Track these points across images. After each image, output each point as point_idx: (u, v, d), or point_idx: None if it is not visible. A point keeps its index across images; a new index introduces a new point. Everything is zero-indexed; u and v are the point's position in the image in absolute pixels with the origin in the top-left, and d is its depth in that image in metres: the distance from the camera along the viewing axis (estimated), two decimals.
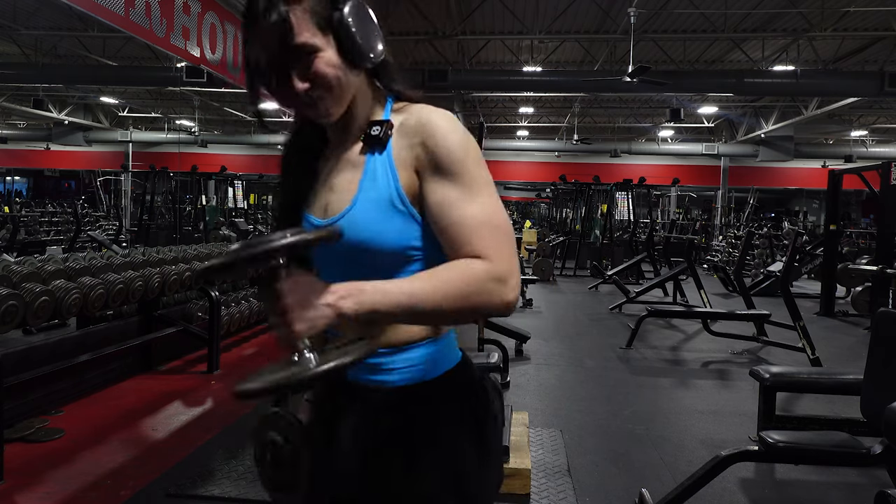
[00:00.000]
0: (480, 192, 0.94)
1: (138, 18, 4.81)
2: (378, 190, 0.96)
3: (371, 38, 0.96)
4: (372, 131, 0.98)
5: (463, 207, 0.92)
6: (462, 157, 0.94)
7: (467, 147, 0.95)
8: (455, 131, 0.95)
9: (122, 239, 13.20)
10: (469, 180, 0.93)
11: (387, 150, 0.97)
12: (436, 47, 11.45)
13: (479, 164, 0.96)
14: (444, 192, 0.93)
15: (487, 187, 0.95)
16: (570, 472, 3.13)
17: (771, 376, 3.26)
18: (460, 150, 0.94)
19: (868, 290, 7.99)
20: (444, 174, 0.93)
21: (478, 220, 0.91)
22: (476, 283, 0.87)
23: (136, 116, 19.33)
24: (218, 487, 2.82)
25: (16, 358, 3.53)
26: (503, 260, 0.90)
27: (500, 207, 0.95)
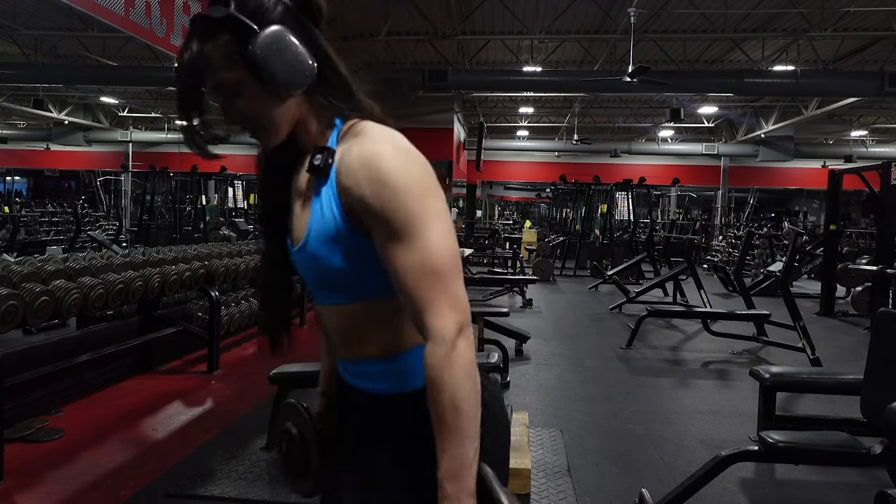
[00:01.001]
0: (417, 233, 0.91)
1: (138, 18, 4.81)
2: (325, 223, 0.97)
3: (293, 65, 0.94)
4: (315, 160, 0.98)
5: (401, 257, 0.92)
6: (392, 201, 0.91)
7: (402, 182, 0.92)
8: (392, 169, 0.92)
9: (122, 239, 13.21)
10: (405, 223, 0.91)
11: (330, 180, 0.97)
12: (436, 47, 11.45)
13: (417, 198, 0.92)
14: (382, 240, 0.93)
15: (426, 223, 0.92)
16: (570, 472, 3.13)
17: (771, 376, 3.26)
18: (393, 192, 0.91)
19: (868, 290, 7.99)
20: (378, 222, 0.93)
21: (414, 269, 0.91)
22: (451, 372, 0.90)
23: (136, 116, 19.32)
24: (218, 487, 2.82)
25: (16, 358, 3.53)
26: (445, 310, 0.91)
27: (439, 242, 0.92)
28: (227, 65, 0.94)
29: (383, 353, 1.04)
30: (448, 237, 0.94)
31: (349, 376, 1.11)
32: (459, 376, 0.90)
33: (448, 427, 0.90)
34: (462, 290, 0.94)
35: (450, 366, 0.90)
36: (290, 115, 1.00)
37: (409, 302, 0.92)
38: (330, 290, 1.03)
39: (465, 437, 0.90)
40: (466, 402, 0.90)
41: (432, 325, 0.91)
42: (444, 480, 0.90)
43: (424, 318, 0.91)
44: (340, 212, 0.96)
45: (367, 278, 0.99)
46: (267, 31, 0.93)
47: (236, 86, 0.96)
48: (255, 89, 0.96)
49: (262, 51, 0.92)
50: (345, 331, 1.06)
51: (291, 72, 0.95)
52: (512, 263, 12.39)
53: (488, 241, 15.19)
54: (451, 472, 0.90)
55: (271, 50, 0.93)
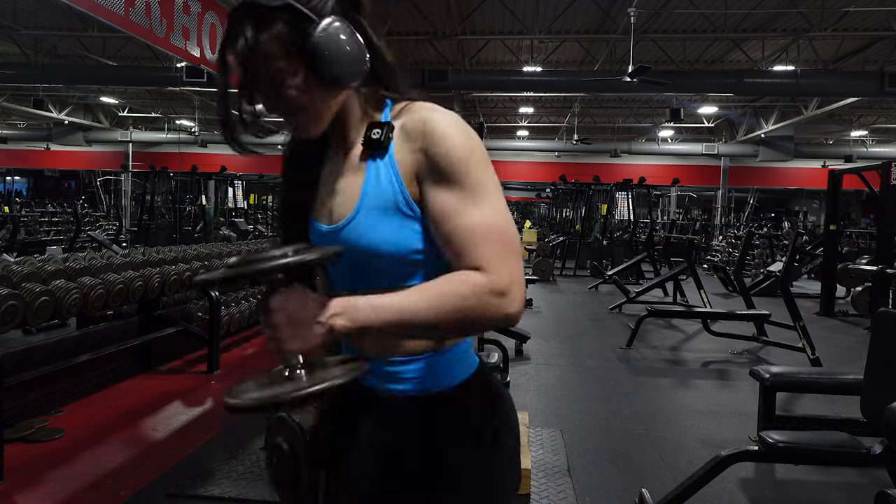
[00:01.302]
0: (483, 197, 0.90)
1: (138, 18, 4.81)
2: (382, 195, 0.94)
3: (348, 57, 0.92)
4: (373, 134, 0.96)
5: (464, 216, 0.89)
6: (463, 162, 0.91)
7: (470, 149, 0.92)
8: (457, 133, 0.92)
9: (122, 239, 13.21)
10: (471, 186, 0.90)
11: (389, 154, 0.95)
12: (436, 47, 11.45)
13: (484, 167, 0.93)
14: (445, 200, 0.91)
15: (491, 192, 0.92)
16: (570, 472, 3.13)
17: (771, 376, 3.26)
18: (462, 154, 0.91)
19: (868, 290, 7.99)
20: (444, 180, 0.91)
21: (479, 228, 0.89)
22: (473, 297, 0.85)
23: (136, 116, 19.33)
24: (218, 487, 2.82)
25: (16, 358, 3.53)
26: (503, 271, 0.87)
27: (503, 213, 0.92)
28: (281, 55, 0.91)
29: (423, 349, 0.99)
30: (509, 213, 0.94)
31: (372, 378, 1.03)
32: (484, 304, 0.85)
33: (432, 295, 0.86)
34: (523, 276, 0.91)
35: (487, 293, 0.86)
36: (337, 106, 0.99)
37: (468, 259, 0.88)
38: (365, 273, 0.96)
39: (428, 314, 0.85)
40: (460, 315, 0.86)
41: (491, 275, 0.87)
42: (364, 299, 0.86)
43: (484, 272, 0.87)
44: (401, 185, 0.93)
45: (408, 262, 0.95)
46: (326, 22, 0.90)
47: (288, 76, 0.92)
48: (308, 80, 0.93)
49: (320, 43, 0.90)
50: None
51: (350, 65, 0.93)
52: None
53: None
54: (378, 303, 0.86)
55: (330, 42, 0.90)
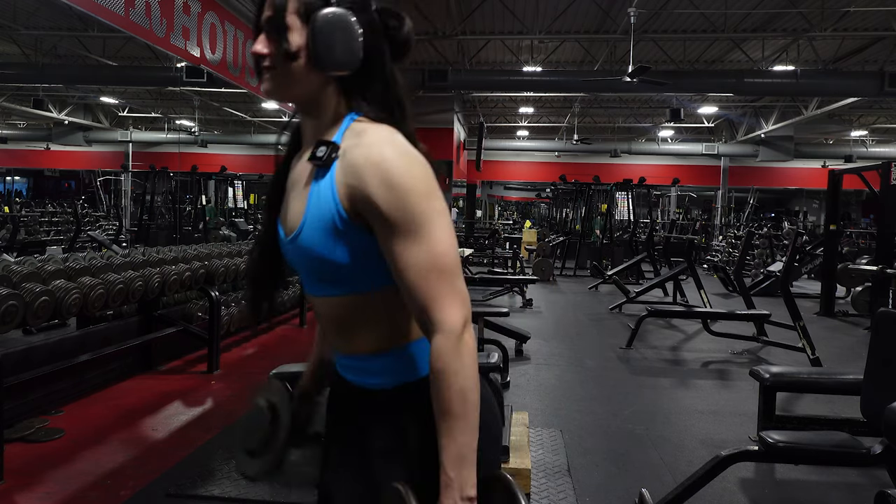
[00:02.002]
0: (420, 232, 0.94)
1: (138, 18, 4.80)
2: (321, 214, 0.98)
3: (338, 49, 0.98)
4: (318, 152, 0.99)
5: (406, 254, 0.94)
6: (396, 201, 0.93)
7: (406, 184, 0.94)
8: (392, 169, 0.94)
9: (122, 239, 13.20)
10: (408, 224, 0.94)
11: (330, 173, 0.98)
12: (436, 47, 11.44)
13: (420, 199, 0.94)
14: (387, 238, 0.95)
15: (431, 223, 0.94)
16: (570, 472, 3.13)
17: (771, 376, 3.26)
18: (394, 194, 0.93)
19: (868, 290, 7.99)
20: (382, 221, 0.95)
21: (419, 266, 0.93)
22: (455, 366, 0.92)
23: (136, 116, 19.32)
24: (218, 487, 2.82)
25: (16, 358, 3.53)
26: (451, 304, 0.93)
27: (442, 241, 0.95)
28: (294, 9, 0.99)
29: (377, 349, 1.05)
30: (451, 235, 0.97)
31: (343, 370, 1.12)
32: (468, 367, 0.93)
33: (455, 416, 0.92)
34: (464, 286, 0.97)
35: (459, 357, 0.92)
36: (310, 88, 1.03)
37: (415, 297, 0.94)
38: (323, 282, 1.03)
39: (470, 425, 0.93)
40: (473, 392, 0.93)
41: (440, 319, 0.93)
42: (448, 468, 0.92)
43: (431, 312, 0.94)
44: (339, 206, 0.97)
45: (360, 272, 1.00)
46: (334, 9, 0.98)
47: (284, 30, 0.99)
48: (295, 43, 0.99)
49: (321, 23, 0.97)
50: (338, 323, 1.07)
51: (334, 53, 0.98)
52: (512, 263, 12.40)
53: (488, 241, 15.19)
54: (456, 459, 0.91)
55: (329, 26, 0.97)
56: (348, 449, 1.08)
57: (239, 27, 6.60)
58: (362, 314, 1.03)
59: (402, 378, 1.04)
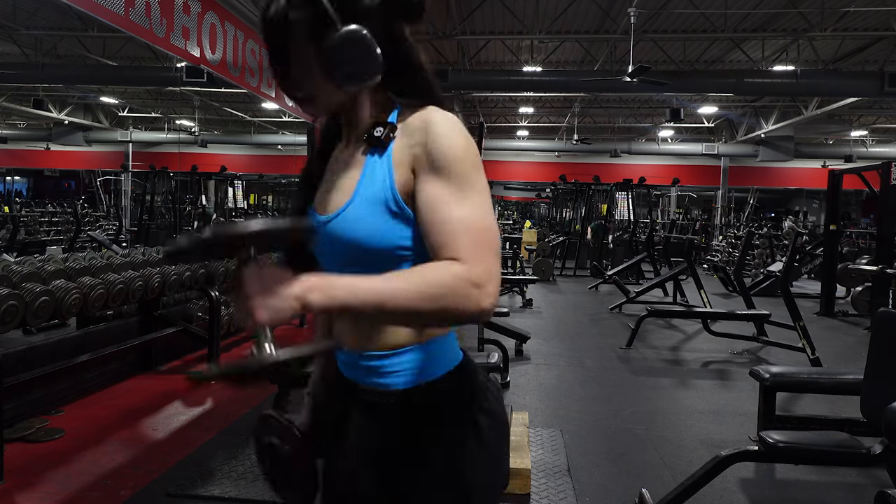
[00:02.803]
0: (471, 195, 0.93)
1: (138, 18, 4.80)
2: (374, 190, 0.96)
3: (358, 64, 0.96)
4: (375, 132, 0.99)
5: (451, 208, 0.91)
6: (458, 158, 0.94)
7: (466, 149, 0.95)
8: (455, 133, 0.95)
9: (122, 239, 13.19)
10: (461, 182, 0.93)
11: (387, 152, 0.98)
12: (436, 47, 11.44)
13: (476, 169, 0.96)
14: (435, 190, 0.93)
15: (480, 193, 0.95)
16: (570, 472, 3.13)
17: (771, 376, 3.26)
18: (458, 151, 0.94)
19: (868, 290, 7.99)
20: (437, 172, 0.93)
21: (464, 222, 0.90)
22: (452, 285, 0.85)
23: (136, 116, 19.32)
24: (218, 487, 2.82)
25: (16, 358, 3.53)
26: (482, 265, 0.88)
27: (489, 213, 0.94)
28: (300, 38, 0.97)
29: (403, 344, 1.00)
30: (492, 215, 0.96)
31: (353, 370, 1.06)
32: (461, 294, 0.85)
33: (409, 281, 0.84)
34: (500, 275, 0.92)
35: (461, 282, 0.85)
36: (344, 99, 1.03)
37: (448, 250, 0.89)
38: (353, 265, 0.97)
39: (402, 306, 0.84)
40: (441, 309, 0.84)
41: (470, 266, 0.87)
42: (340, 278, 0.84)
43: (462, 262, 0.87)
44: (394, 182, 0.96)
45: (395, 259, 0.97)
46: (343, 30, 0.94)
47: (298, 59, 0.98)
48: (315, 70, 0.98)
49: (333, 47, 0.94)
50: None
51: (355, 72, 0.97)
52: (512, 263, 12.40)
53: None
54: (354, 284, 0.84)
55: (342, 48, 0.94)
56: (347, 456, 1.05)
57: (239, 27, 6.60)
58: None
59: (416, 378, 1.01)
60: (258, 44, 7.25)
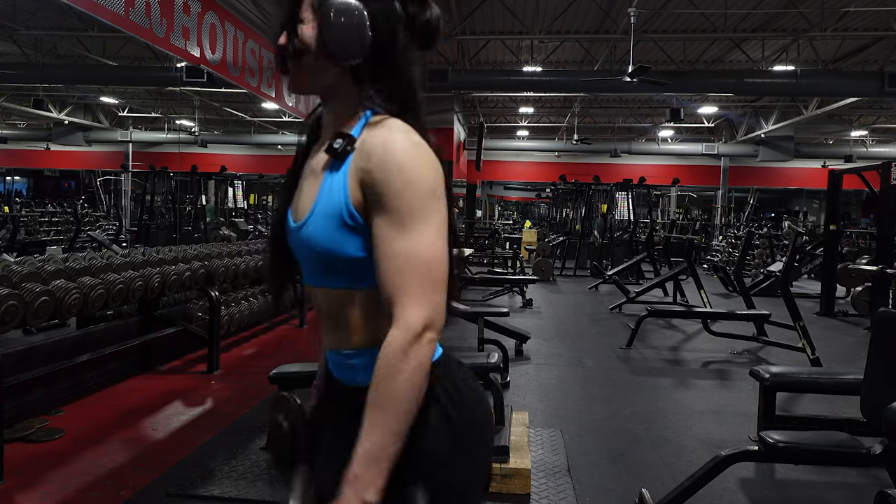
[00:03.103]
0: (413, 226, 0.93)
1: (138, 18, 4.80)
2: (331, 204, 0.99)
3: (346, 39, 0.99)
4: (335, 144, 1.00)
5: (390, 243, 0.93)
6: (400, 189, 0.93)
7: (413, 176, 0.94)
8: (411, 162, 0.95)
9: (122, 239, 13.20)
10: (404, 214, 0.93)
11: (345, 165, 0.99)
12: (436, 47, 11.44)
13: (429, 198, 0.95)
14: (378, 225, 0.94)
15: (425, 222, 0.94)
16: (570, 472, 3.13)
17: (771, 376, 3.26)
18: (401, 181, 0.93)
19: (868, 290, 7.99)
20: (381, 205, 0.94)
21: (401, 258, 0.92)
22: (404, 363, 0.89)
23: (136, 116, 19.32)
24: (218, 487, 2.82)
25: (16, 358, 3.53)
26: (419, 304, 0.91)
27: (431, 243, 0.93)
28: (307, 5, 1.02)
29: (364, 344, 1.03)
30: (440, 242, 0.95)
31: (334, 368, 1.11)
32: (412, 372, 0.89)
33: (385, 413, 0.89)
34: (442, 300, 0.94)
35: (405, 359, 0.89)
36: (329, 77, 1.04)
37: (387, 288, 0.93)
38: (323, 272, 1.03)
39: (393, 429, 0.89)
40: (408, 400, 0.90)
41: (402, 315, 0.91)
42: (357, 462, 0.89)
43: (397, 305, 0.92)
44: (348, 200, 0.97)
45: (360, 267, 1.00)
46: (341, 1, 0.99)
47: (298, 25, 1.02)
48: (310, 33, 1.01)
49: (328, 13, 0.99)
50: (332, 317, 1.06)
51: (343, 45, 0.99)
52: (512, 263, 12.40)
53: (488, 241, 15.19)
54: (368, 457, 0.88)
55: (337, 15, 0.98)
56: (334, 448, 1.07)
57: (239, 27, 6.60)
58: (355, 309, 1.02)
59: None
60: (258, 44, 7.24)
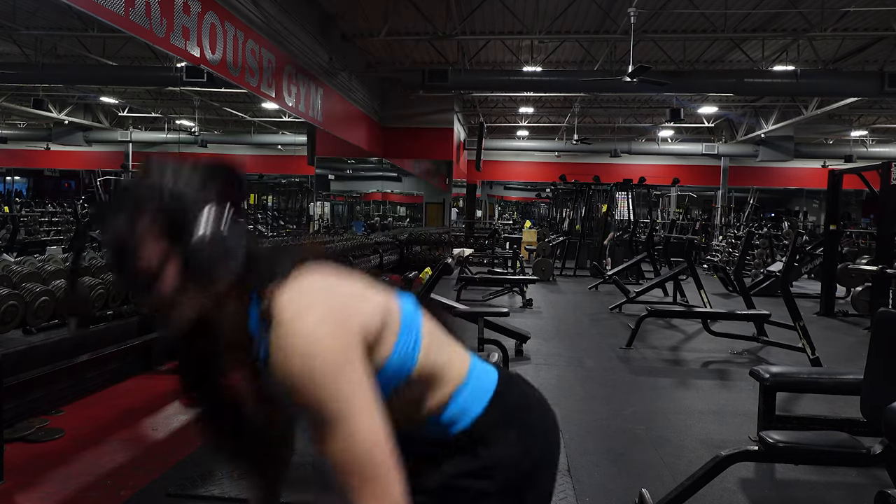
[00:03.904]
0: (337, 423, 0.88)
1: (138, 18, 4.80)
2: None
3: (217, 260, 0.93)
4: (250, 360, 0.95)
5: (323, 445, 0.89)
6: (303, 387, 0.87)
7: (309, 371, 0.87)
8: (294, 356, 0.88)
9: None
10: (323, 413, 0.88)
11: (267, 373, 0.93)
12: (436, 47, 11.44)
13: (332, 384, 0.88)
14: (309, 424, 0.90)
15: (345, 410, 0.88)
16: (570, 472, 3.13)
17: (771, 376, 3.26)
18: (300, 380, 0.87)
19: (868, 290, 7.99)
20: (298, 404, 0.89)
21: (341, 464, 0.88)
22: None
23: (136, 116, 19.33)
24: (218, 487, 2.82)
25: (16, 358, 3.53)
26: None
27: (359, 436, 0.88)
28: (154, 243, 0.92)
29: None
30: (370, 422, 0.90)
31: None
32: None
33: None
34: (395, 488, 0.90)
35: None
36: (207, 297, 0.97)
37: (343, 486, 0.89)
38: None
39: None
40: None
41: None
42: None
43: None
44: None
45: None
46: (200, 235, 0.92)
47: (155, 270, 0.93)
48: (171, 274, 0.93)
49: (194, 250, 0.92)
50: None
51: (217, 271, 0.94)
52: (512, 263, 12.39)
53: (488, 241, 15.18)
54: None
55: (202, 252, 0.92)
56: None
57: (239, 27, 6.60)
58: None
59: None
60: (258, 44, 7.24)
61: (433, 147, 14.68)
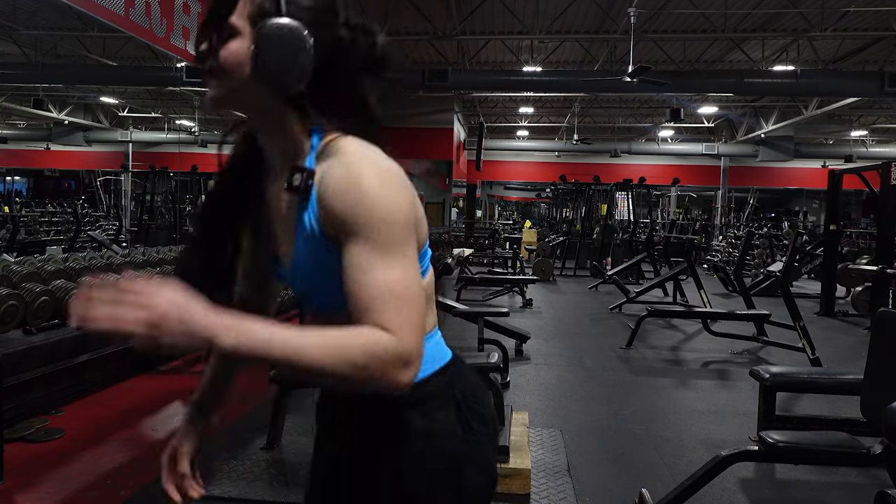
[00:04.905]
0: (396, 259, 0.87)
1: (138, 18, 4.80)
2: (311, 242, 0.93)
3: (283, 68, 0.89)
4: (294, 181, 0.92)
5: (371, 274, 0.86)
6: (376, 219, 0.87)
7: (386, 207, 0.88)
8: (384, 189, 0.88)
9: (122, 239, 13.20)
10: (380, 244, 0.87)
11: (312, 203, 0.92)
12: (436, 47, 11.44)
13: (403, 228, 0.89)
14: (352, 253, 0.87)
15: (405, 255, 0.88)
16: (570, 472, 3.13)
17: (771, 376, 3.26)
18: (384, 212, 0.87)
19: (868, 290, 7.99)
20: (352, 233, 0.87)
21: (381, 288, 0.85)
22: (377, 359, 0.82)
23: (136, 116, 19.32)
24: (218, 487, 2.82)
25: (16, 358, 3.53)
26: (412, 338, 0.85)
27: (409, 274, 0.88)
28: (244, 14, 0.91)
29: None
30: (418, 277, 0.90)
31: None
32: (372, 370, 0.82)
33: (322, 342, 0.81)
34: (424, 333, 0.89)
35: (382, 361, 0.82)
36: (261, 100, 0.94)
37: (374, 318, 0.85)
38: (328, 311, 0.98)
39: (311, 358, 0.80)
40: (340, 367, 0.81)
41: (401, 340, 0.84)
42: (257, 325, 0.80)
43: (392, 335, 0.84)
44: (320, 229, 0.92)
45: None
46: (285, 20, 0.89)
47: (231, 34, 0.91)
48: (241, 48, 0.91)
49: (264, 34, 0.89)
50: None
51: (278, 77, 0.90)
52: (512, 263, 12.40)
53: (488, 241, 15.18)
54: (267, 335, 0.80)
55: (274, 39, 0.89)
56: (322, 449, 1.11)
57: None
58: None
59: None
60: None
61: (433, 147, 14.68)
